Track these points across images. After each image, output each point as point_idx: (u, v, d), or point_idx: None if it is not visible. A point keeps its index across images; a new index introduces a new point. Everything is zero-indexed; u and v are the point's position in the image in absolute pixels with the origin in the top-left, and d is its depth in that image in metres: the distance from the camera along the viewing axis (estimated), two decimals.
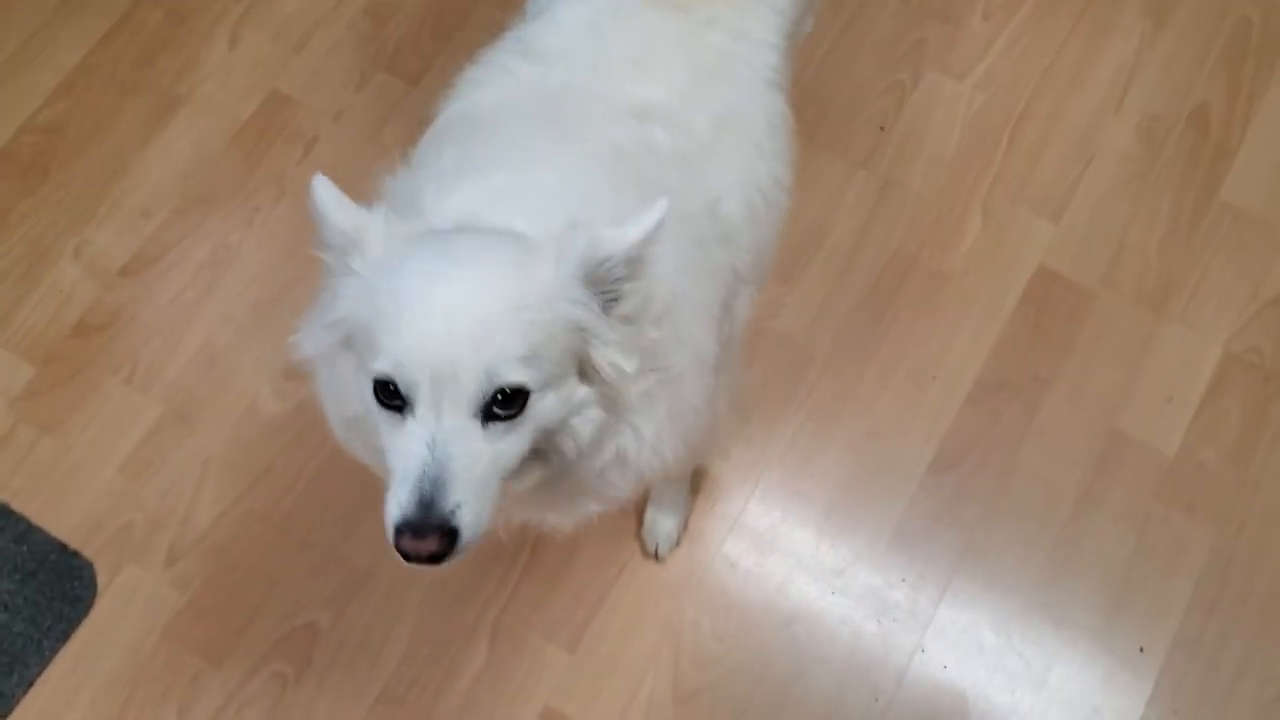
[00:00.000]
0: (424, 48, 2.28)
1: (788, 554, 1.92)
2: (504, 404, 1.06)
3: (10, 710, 1.78)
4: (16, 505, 1.91)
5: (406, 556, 1.07)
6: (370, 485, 1.91)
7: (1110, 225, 2.12)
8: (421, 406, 1.05)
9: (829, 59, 2.24)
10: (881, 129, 2.19)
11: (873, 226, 2.12)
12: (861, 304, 2.06)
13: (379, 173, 1.34)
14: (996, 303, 2.06)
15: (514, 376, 1.05)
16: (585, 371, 1.14)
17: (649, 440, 1.24)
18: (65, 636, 1.83)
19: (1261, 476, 1.94)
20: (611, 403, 1.17)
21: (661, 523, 1.89)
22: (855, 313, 2.06)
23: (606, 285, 1.11)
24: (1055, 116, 2.20)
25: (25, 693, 1.79)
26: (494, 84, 1.44)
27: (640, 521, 1.90)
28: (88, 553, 1.88)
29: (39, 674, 1.81)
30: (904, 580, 1.90)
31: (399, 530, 1.05)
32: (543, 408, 1.10)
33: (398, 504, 1.05)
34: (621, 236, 1.08)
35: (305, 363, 1.22)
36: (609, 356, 1.13)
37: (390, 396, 1.07)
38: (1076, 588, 1.89)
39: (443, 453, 1.05)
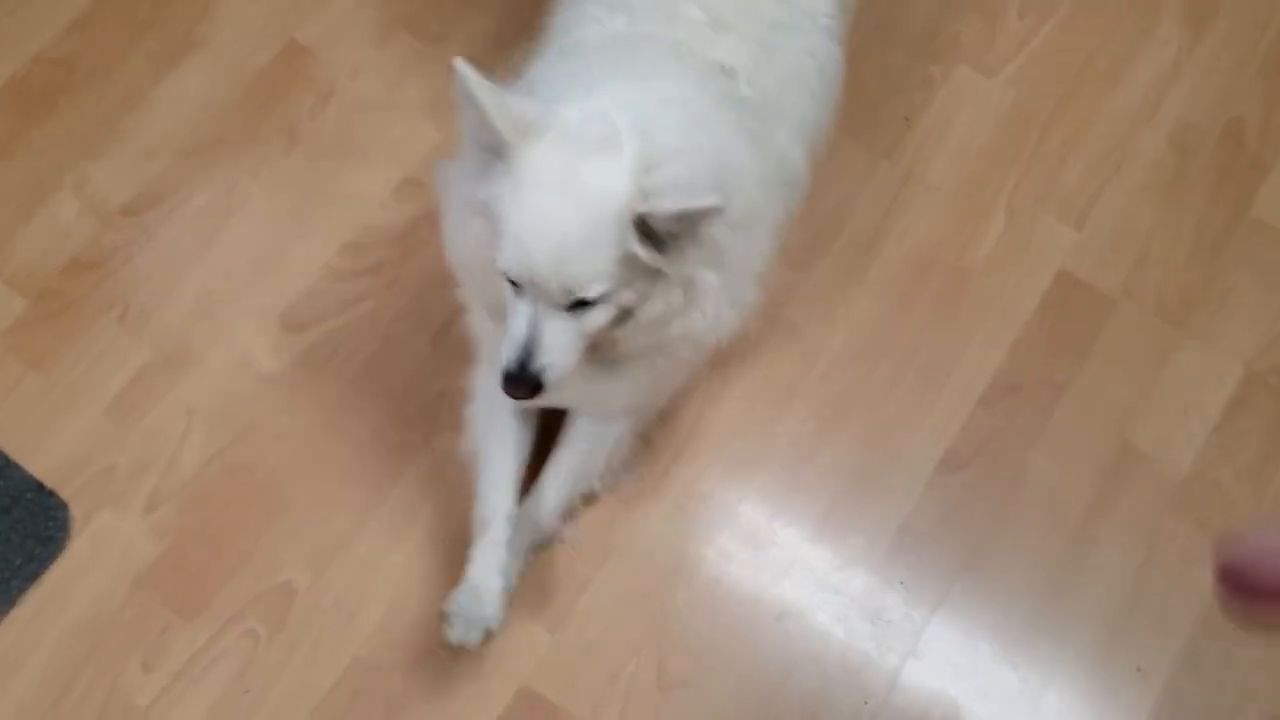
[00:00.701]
0: (448, 10, 2.23)
1: (784, 547, 1.86)
2: (585, 299, 1.36)
3: None
4: None
5: (508, 395, 1.43)
6: (354, 450, 1.88)
7: (1136, 234, 2.07)
8: (528, 294, 1.37)
9: (863, 47, 2.17)
10: (906, 119, 2.14)
11: (893, 219, 2.07)
12: (877, 297, 2.01)
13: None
14: (1015, 304, 2.01)
15: (588, 292, 1.35)
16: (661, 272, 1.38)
17: (711, 319, 1.48)
18: (34, 577, 1.77)
19: None
20: (684, 292, 1.43)
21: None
22: (870, 306, 2.01)
23: (674, 226, 1.33)
24: (1086, 120, 2.16)
25: None
26: (589, 27, 1.61)
27: None
28: (65, 493, 1.82)
29: (4, 614, 1.75)
30: (902, 583, 1.84)
31: (504, 378, 1.41)
32: (618, 298, 1.38)
33: (505, 359, 1.40)
34: (672, 202, 1.30)
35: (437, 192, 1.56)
36: (679, 271, 1.39)
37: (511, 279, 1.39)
38: (1079, 602, 1.83)
39: (537, 329, 1.38)
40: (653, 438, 1.88)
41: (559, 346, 1.39)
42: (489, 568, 1.67)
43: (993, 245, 2.05)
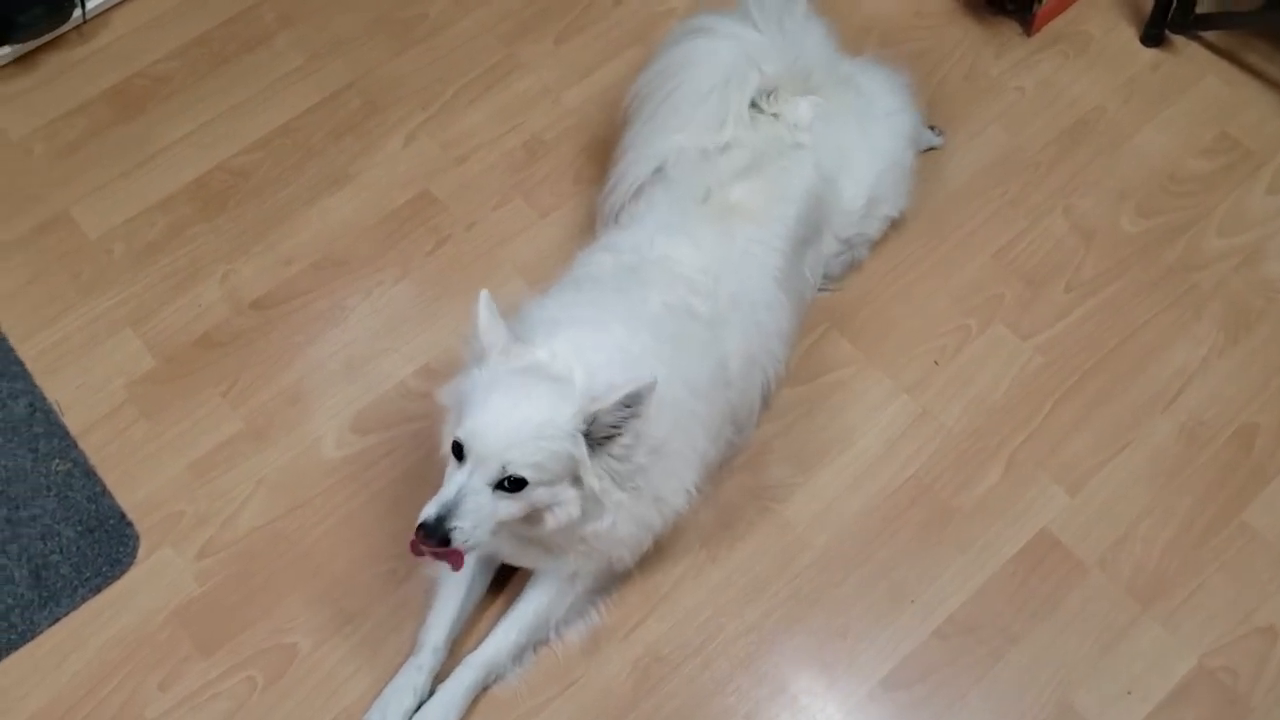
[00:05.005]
0: (563, 188, 2.58)
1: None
2: (511, 484, 1.67)
3: (32, 637, 2.06)
4: (101, 470, 2.23)
5: (418, 541, 1.68)
6: (379, 543, 2.17)
7: (1125, 512, 2.19)
8: (467, 464, 1.67)
9: (910, 289, 2.43)
10: (936, 363, 2.34)
11: (900, 446, 2.26)
12: (867, 512, 2.20)
13: (527, 298, 2.06)
14: (992, 550, 2.16)
15: (519, 473, 1.66)
16: (577, 479, 1.71)
17: (607, 529, 1.81)
18: (97, 590, 2.11)
19: None
20: (591, 503, 1.75)
21: None
22: (859, 518, 2.19)
23: (605, 430, 1.69)
24: (1104, 396, 2.31)
25: (50, 626, 2.08)
26: (594, 262, 2.08)
27: None
28: (140, 526, 2.17)
29: (66, 614, 2.09)
30: None
31: (419, 525, 1.67)
32: (536, 493, 1.69)
33: (426, 512, 1.67)
34: (608, 397, 1.65)
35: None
36: (593, 483, 1.73)
37: (456, 448, 1.69)
38: None
39: (461, 495, 1.66)
40: (634, 588, 2.11)
41: (474, 515, 1.66)
42: (404, 687, 1.97)
43: (985, 491, 2.22)
